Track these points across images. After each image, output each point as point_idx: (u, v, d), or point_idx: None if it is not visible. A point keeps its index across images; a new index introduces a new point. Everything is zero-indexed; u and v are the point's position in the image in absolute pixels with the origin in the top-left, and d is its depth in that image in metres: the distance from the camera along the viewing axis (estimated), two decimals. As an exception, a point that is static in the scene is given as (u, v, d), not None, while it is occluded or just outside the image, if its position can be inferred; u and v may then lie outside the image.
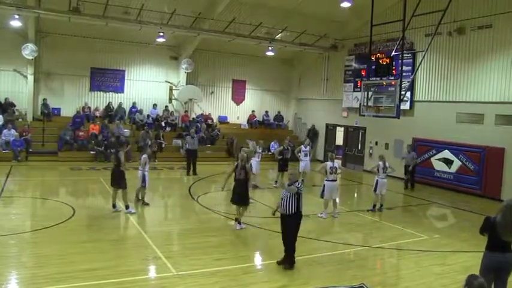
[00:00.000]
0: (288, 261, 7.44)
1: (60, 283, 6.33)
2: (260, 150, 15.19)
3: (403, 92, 13.29)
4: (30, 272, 6.74)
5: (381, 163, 12.34)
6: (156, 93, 22.72)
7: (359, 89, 18.60)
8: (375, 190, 12.32)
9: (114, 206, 10.72)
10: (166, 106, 22.57)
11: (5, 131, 17.90)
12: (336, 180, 11.53)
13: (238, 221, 9.82)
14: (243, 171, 9.79)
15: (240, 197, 9.77)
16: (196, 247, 8.43)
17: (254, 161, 14.26)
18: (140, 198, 11.65)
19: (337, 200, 12.00)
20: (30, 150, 18.22)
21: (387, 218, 11.81)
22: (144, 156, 11.61)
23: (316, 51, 22.76)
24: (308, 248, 8.72)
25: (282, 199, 7.49)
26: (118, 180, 10.66)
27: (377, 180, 12.27)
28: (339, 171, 11.70)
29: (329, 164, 11.40)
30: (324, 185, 11.34)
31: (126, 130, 20.42)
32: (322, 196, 11.39)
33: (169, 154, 19.85)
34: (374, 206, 12.40)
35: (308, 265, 7.74)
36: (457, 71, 16.69)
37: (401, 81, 13.07)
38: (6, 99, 19.40)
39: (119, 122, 20.74)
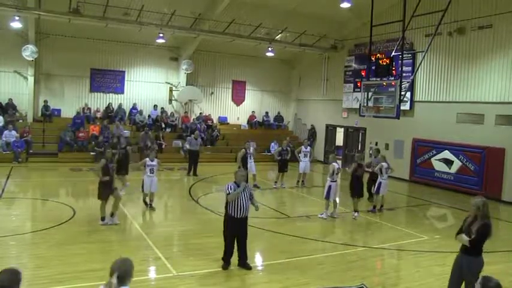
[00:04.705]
0: (246, 264, 7.34)
1: (61, 284, 6.34)
2: (251, 151, 14.73)
3: (403, 93, 13.28)
4: (31, 273, 6.72)
5: (384, 164, 12.26)
6: (156, 94, 22.74)
7: (359, 90, 18.57)
8: (377, 192, 12.27)
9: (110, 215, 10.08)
10: (162, 108, 22.54)
11: (5, 132, 17.92)
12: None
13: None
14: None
15: None
16: (197, 248, 8.44)
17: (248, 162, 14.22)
18: (149, 202, 11.55)
19: (337, 200, 11.97)
20: (31, 151, 18.23)
21: (387, 218, 11.81)
22: (145, 159, 11.57)
23: (316, 51, 22.75)
24: (308, 249, 8.75)
25: (243, 204, 7.21)
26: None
27: (380, 181, 12.19)
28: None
29: (336, 165, 11.28)
30: (330, 186, 11.16)
31: (126, 131, 20.41)
32: (327, 197, 11.26)
33: (169, 155, 19.82)
34: (374, 207, 12.37)
35: (308, 266, 7.74)
36: (457, 71, 16.70)
37: (401, 82, 13.05)
38: (10, 99, 19.45)
39: (119, 123, 20.73)
